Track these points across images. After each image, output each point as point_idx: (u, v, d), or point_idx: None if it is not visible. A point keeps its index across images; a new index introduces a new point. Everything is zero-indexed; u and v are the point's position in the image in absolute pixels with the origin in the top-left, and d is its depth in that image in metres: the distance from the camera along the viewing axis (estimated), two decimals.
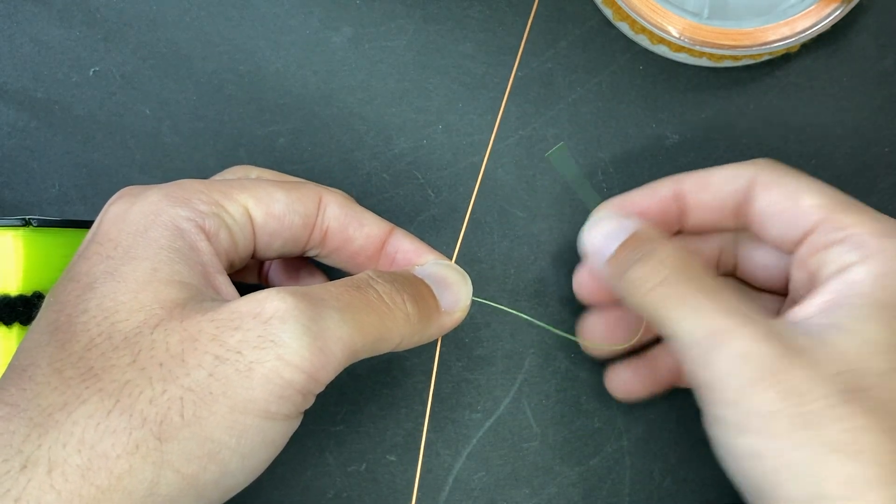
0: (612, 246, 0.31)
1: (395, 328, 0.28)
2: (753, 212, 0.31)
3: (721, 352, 0.27)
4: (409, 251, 0.32)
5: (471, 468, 0.37)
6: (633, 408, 0.37)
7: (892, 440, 0.26)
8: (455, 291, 0.31)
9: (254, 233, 0.29)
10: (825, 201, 0.29)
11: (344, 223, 0.31)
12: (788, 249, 0.31)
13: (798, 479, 0.26)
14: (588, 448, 0.37)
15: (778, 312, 0.33)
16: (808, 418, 0.26)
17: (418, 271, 0.31)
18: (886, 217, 0.29)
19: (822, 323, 0.28)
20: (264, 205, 0.29)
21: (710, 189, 0.32)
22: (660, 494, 0.37)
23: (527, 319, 0.31)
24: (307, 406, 0.26)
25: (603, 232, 0.31)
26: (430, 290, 0.30)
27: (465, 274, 0.31)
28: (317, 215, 0.30)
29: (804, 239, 0.30)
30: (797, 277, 0.31)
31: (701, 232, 0.34)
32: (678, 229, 0.34)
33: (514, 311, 0.31)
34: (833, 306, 0.28)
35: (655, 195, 0.33)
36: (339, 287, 0.27)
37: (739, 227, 0.33)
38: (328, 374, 0.26)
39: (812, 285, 0.30)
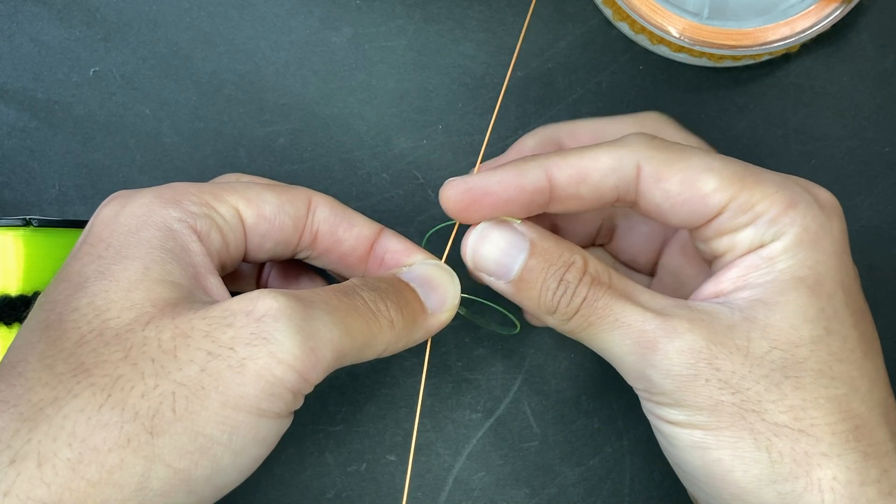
0: (512, 266, 0.29)
1: (381, 335, 0.28)
2: (646, 203, 0.29)
3: (652, 357, 0.27)
4: (398, 251, 0.32)
5: (471, 468, 0.37)
6: (633, 408, 0.37)
7: (840, 407, 0.26)
8: (441, 292, 0.30)
9: (245, 234, 0.30)
10: (725, 181, 0.27)
11: (334, 224, 0.31)
12: (688, 228, 0.29)
13: (749, 465, 0.26)
14: (588, 448, 0.37)
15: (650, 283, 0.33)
16: (748, 405, 0.26)
17: (405, 274, 0.31)
18: (788, 179, 0.28)
19: (745, 298, 0.27)
20: (255, 206, 0.30)
21: (587, 183, 0.29)
22: (660, 494, 0.37)
23: (507, 314, 0.31)
24: (297, 406, 0.26)
25: (496, 249, 0.29)
26: (416, 294, 0.30)
27: (453, 273, 0.31)
28: (307, 217, 0.31)
29: (708, 223, 0.28)
30: (701, 249, 0.30)
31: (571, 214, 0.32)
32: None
33: (501, 309, 0.31)
34: (750, 282, 0.27)
35: (523, 187, 0.29)
36: (328, 292, 0.27)
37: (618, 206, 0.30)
38: (317, 375, 0.26)
39: (716, 262, 0.29)
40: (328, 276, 0.36)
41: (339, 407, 0.37)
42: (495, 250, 0.29)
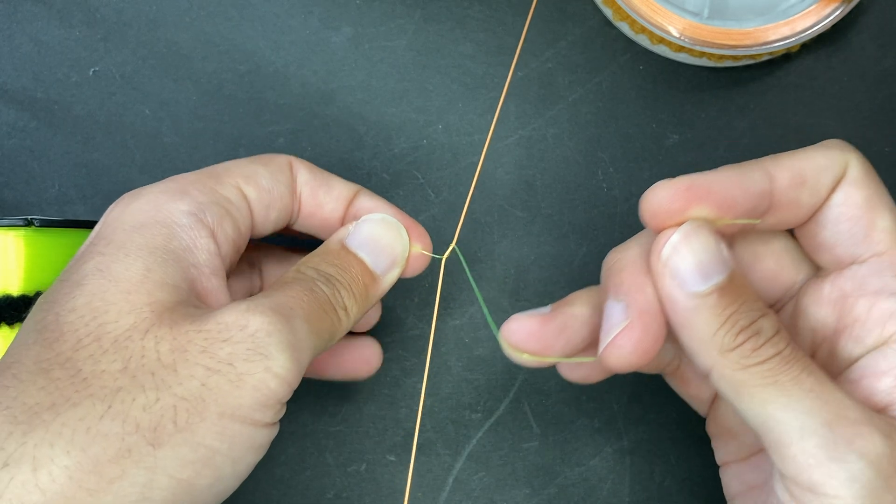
0: (705, 280, 0.25)
1: (340, 326, 0.28)
2: (820, 213, 0.27)
3: (845, 451, 0.23)
4: (371, 210, 0.32)
5: (471, 468, 0.37)
6: (633, 408, 0.37)
7: None
8: (389, 251, 0.30)
9: (250, 210, 0.30)
10: (894, 228, 0.26)
11: (314, 187, 0.31)
12: (824, 259, 0.28)
13: None
14: (588, 448, 0.37)
15: None
16: None
17: (351, 239, 0.30)
18: None
19: None
20: (253, 181, 0.30)
21: (807, 184, 0.26)
22: (660, 494, 0.37)
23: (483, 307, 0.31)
24: (282, 415, 0.27)
25: (695, 258, 0.25)
26: (364, 266, 0.30)
27: (400, 226, 0.31)
28: (294, 181, 0.31)
29: (852, 263, 0.27)
30: (824, 294, 0.28)
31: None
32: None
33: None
34: None
35: (747, 189, 0.26)
36: (297, 292, 0.27)
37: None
38: (298, 382, 0.26)
39: (843, 321, 0.27)
40: None
41: (339, 407, 0.37)
42: (696, 256, 0.25)
